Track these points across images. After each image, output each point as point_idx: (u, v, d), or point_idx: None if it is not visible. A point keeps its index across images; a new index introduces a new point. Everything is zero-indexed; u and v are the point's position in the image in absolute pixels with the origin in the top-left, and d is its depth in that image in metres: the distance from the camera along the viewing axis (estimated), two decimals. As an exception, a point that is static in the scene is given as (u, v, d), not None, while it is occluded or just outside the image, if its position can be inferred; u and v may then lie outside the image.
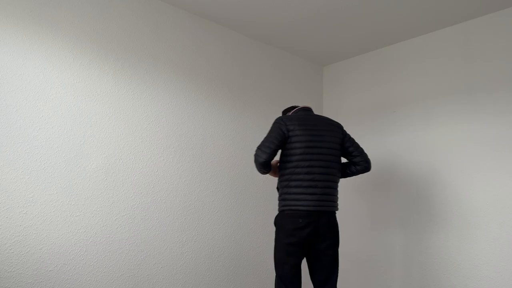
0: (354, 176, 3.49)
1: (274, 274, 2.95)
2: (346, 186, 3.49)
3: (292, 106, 2.48)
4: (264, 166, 2.18)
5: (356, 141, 3.46)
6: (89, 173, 2.29)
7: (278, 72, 3.46)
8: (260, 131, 3.18)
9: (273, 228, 2.43)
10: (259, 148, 2.19)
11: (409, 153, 3.09)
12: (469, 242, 2.71)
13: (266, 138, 2.21)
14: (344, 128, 3.62)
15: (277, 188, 2.30)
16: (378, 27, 3.01)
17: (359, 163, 2.35)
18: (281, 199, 2.24)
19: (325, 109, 3.78)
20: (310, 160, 2.18)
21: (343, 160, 3.02)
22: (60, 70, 2.24)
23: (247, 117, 3.13)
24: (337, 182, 2.27)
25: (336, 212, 2.28)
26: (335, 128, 2.32)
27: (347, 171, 2.37)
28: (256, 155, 2.18)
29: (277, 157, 2.81)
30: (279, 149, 2.21)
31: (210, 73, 2.94)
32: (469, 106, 2.80)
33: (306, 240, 2.15)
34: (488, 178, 2.65)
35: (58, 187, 2.17)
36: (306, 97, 3.67)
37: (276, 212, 2.38)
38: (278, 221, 2.25)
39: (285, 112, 2.49)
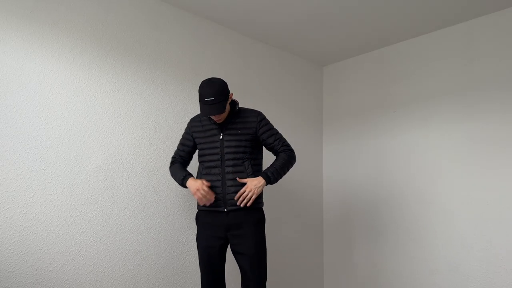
0: (354, 175, 3.49)
1: (273, 273, 2.94)
2: (344, 188, 3.49)
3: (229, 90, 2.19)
4: None
5: (355, 140, 3.48)
6: (89, 173, 2.29)
7: (278, 72, 3.46)
8: (260, 131, 3.18)
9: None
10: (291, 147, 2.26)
11: (409, 153, 3.09)
12: (469, 242, 2.71)
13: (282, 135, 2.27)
14: (340, 128, 3.65)
15: None
16: (378, 27, 3.01)
17: None
18: (261, 195, 2.20)
19: (325, 109, 3.78)
20: None
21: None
22: (60, 70, 2.24)
23: (247, 117, 3.12)
24: None
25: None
26: None
27: None
28: (294, 154, 2.25)
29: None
30: None
31: (210, 73, 2.93)
32: (469, 106, 2.79)
33: None
34: (489, 177, 2.65)
35: (58, 187, 2.17)
36: (306, 97, 3.67)
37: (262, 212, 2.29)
38: (264, 218, 2.25)
39: (228, 90, 2.15)
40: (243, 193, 2.07)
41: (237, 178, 2.10)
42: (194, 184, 2.08)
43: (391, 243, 3.12)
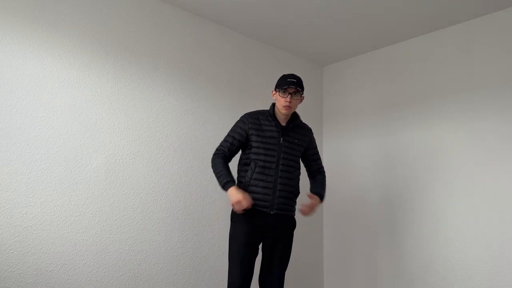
0: (353, 175, 3.49)
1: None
2: (343, 188, 3.49)
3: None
4: None
5: (355, 140, 3.48)
6: (89, 173, 2.29)
7: (278, 72, 3.43)
8: (260, 131, 3.18)
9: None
10: None
11: (409, 153, 3.09)
12: (470, 242, 2.71)
13: None
14: (340, 128, 3.65)
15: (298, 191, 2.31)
16: (378, 27, 3.01)
17: None
18: (295, 204, 2.29)
19: (325, 109, 3.78)
20: None
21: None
22: (60, 70, 2.24)
23: (247, 117, 3.12)
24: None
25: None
26: None
27: None
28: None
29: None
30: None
31: (210, 73, 2.94)
32: (469, 106, 2.79)
33: None
34: (489, 177, 2.65)
35: (58, 187, 2.17)
36: (306, 97, 3.66)
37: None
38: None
39: None
40: (313, 207, 2.25)
41: (307, 194, 2.28)
42: (236, 195, 2.02)
43: (391, 243, 3.12)
